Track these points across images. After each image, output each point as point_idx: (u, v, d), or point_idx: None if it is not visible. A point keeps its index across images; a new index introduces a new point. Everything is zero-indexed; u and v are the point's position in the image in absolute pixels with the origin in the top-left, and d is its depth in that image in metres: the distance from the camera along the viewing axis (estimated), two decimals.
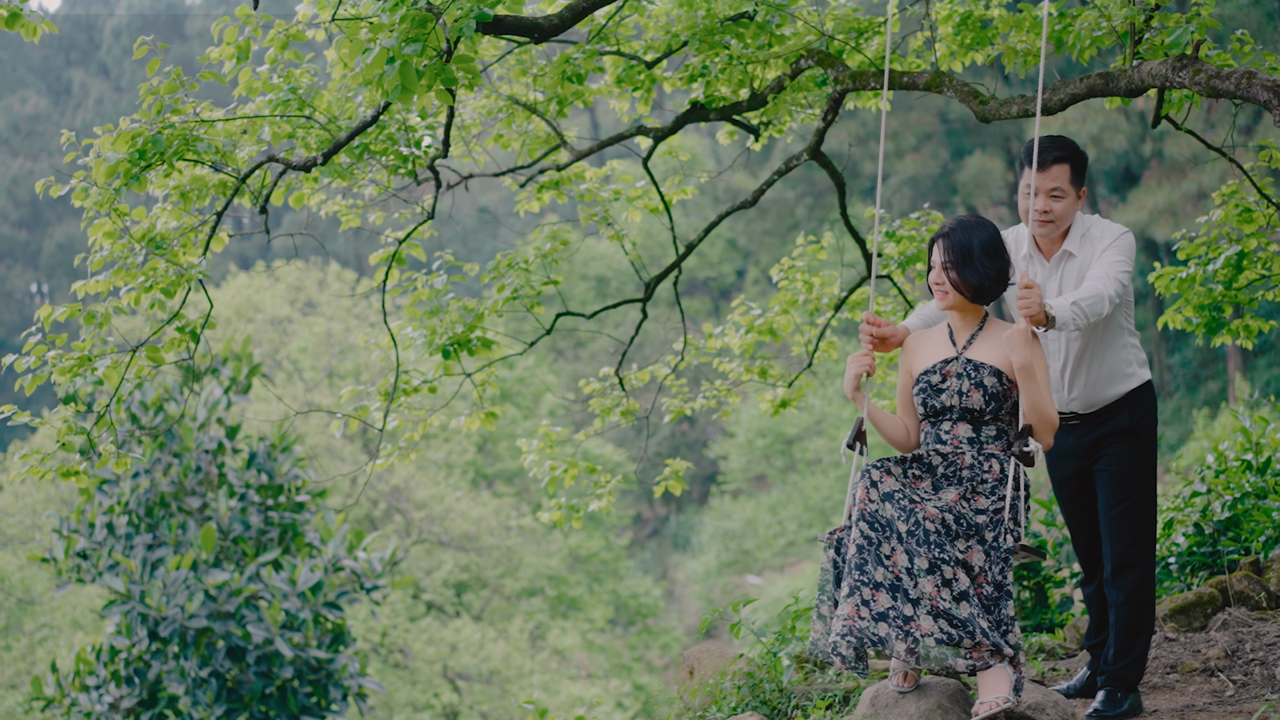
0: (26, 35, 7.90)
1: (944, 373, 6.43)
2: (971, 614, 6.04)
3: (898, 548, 6.09)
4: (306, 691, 16.35)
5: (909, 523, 6.10)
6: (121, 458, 8.19)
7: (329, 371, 34.58)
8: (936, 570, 6.05)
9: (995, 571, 6.17)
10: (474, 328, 9.80)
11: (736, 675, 7.79)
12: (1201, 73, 7.19)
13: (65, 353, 7.93)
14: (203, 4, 78.73)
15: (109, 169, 7.82)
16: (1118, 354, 7.00)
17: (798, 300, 11.52)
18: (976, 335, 6.50)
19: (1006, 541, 6.20)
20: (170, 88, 8.06)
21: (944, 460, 6.33)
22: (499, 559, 33.57)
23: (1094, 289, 6.57)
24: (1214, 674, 7.74)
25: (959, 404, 6.37)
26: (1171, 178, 34.45)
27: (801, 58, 9.24)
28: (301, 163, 8.71)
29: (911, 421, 6.65)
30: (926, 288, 6.80)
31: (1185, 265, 10.06)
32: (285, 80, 8.65)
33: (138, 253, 8.18)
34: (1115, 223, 7.00)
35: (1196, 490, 10.18)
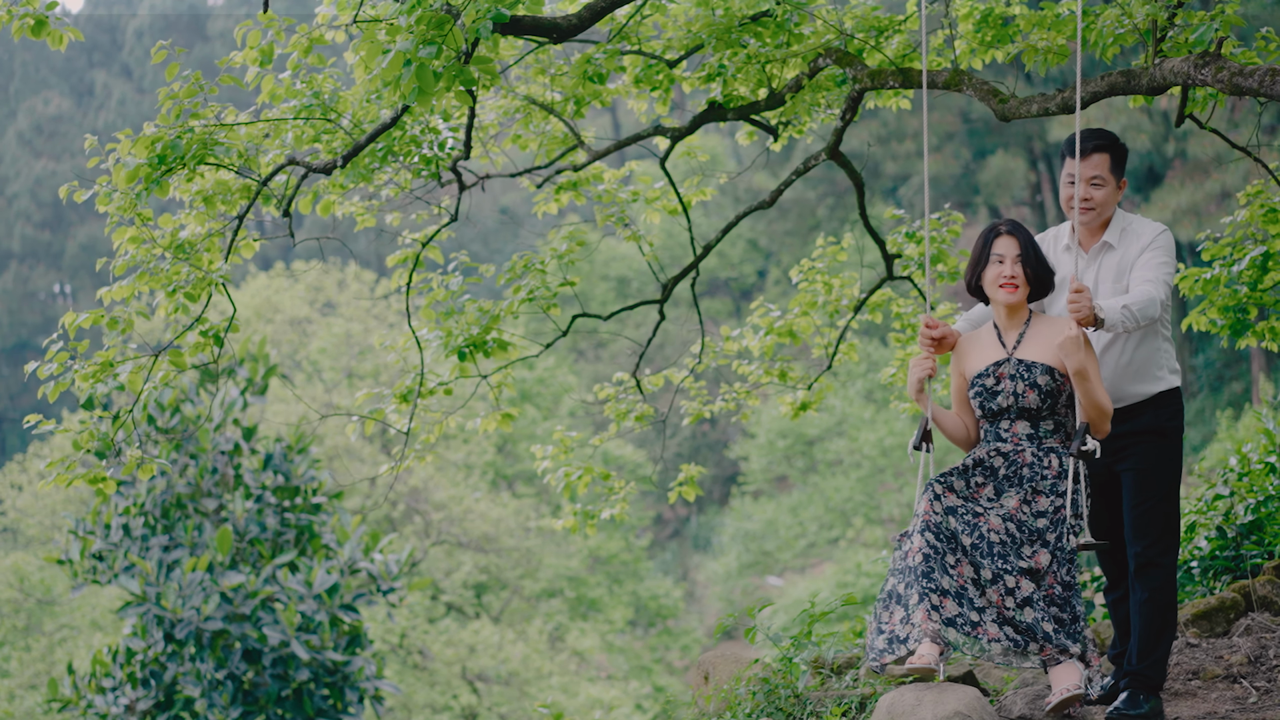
0: (53, 44, 7.88)
1: (997, 375, 6.63)
2: (1036, 619, 6.29)
3: (962, 559, 6.35)
4: (323, 694, 16.34)
5: (973, 536, 6.35)
6: (148, 463, 8.18)
7: (348, 372, 34.59)
8: (1000, 580, 6.29)
9: (1062, 572, 6.39)
10: (490, 329, 9.76)
11: (751, 681, 7.74)
12: (1224, 70, 7.13)
13: (88, 360, 7.92)
14: (225, 5, 78.87)
15: (129, 174, 7.83)
16: (1149, 351, 7.00)
17: (817, 301, 11.46)
18: (1024, 333, 6.68)
19: (1070, 542, 6.40)
20: (190, 92, 8.05)
21: (1005, 460, 6.55)
22: (518, 560, 33.57)
23: (1147, 293, 6.66)
24: (1237, 680, 7.68)
25: (1016, 404, 6.57)
26: (1195, 178, 34.31)
27: (819, 56, 9.18)
28: (322, 165, 8.69)
29: (969, 419, 6.85)
30: (970, 288, 6.88)
31: (1210, 266, 9.99)
32: (308, 85, 8.63)
33: (162, 258, 8.17)
34: (1153, 221, 7.04)
35: (1219, 493, 10.10)
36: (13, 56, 75.92)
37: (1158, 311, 6.66)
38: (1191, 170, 34.82)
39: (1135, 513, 6.96)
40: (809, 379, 11.81)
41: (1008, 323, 6.72)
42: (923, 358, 6.83)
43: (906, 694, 6.43)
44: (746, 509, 43.71)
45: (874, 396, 42.49)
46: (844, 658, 8.38)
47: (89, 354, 8.10)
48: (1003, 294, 6.64)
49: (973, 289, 6.85)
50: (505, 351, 9.87)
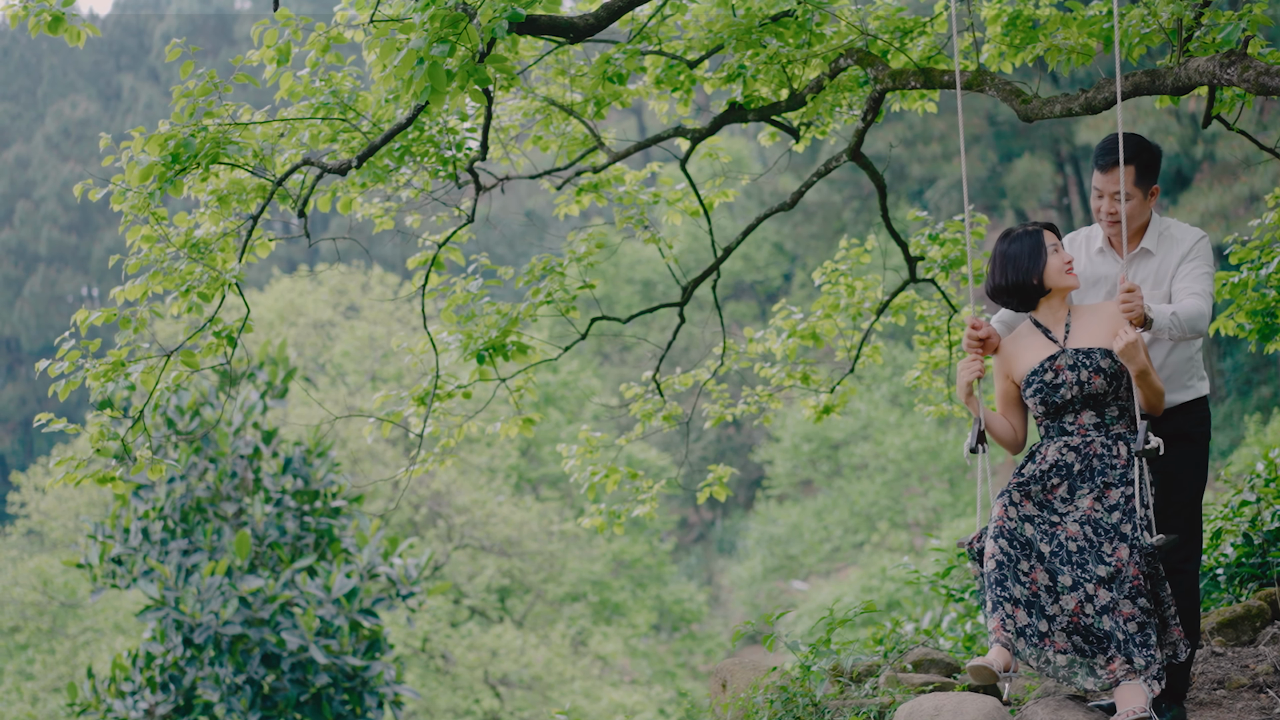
0: (70, 40, 7.85)
1: (1055, 368, 6.62)
2: (1113, 626, 6.27)
3: (1037, 566, 6.36)
4: (342, 699, 16.31)
5: (1052, 544, 6.38)
6: (156, 463, 8.14)
7: (371, 375, 34.63)
8: (1080, 587, 6.29)
9: (1144, 566, 6.35)
10: (509, 332, 9.70)
11: (769, 689, 7.68)
12: (1250, 69, 7.04)
13: (99, 359, 7.89)
14: (252, 7, 79.09)
15: (143, 171, 7.81)
16: (1183, 359, 6.99)
17: (840, 304, 11.40)
18: (1070, 324, 6.71)
19: (1145, 538, 6.36)
20: (204, 90, 8.03)
21: (1078, 455, 6.55)
22: (541, 564, 33.56)
23: (1197, 308, 6.66)
24: (1263, 690, 7.62)
25: (1081, 393, 6.56)
26: (1223, 180, 34.17)
27: (840, 57, 9.10)
28: (337, 166, 8.64)
29: (1016, 421, 6.88)
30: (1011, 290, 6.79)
31: (1238, 270, 9.90)
32: (326, 84, 8.60)
33: (175, 257, 8.14)
34: (1191, 226, 6.98)
35: (1245, 499, 10.00)
36: (40, 60, 76.30)
37: (1204, 327, 6.69)
38: (1220, 173, 34.68)
39: (1160, 517, 6.89)
40: (832, 382, 11.75)
41: (1052, 318, 6.75)
42: (970, 360, 6.84)
43: (925, 702, 6.42)
44: (771, 513, 43.67)
45: (899, 400, 42.41)
46: (863, 665, 8.29)
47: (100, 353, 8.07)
48: (1070, 279, 6.68)
49: (1031, 289, 6.72)
50: (525, 355, 9.81)
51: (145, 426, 8.12)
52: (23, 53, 77.77)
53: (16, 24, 7.94)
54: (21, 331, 67.66)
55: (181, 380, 8.32)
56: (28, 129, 73.72)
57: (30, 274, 68.50)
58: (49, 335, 65.65)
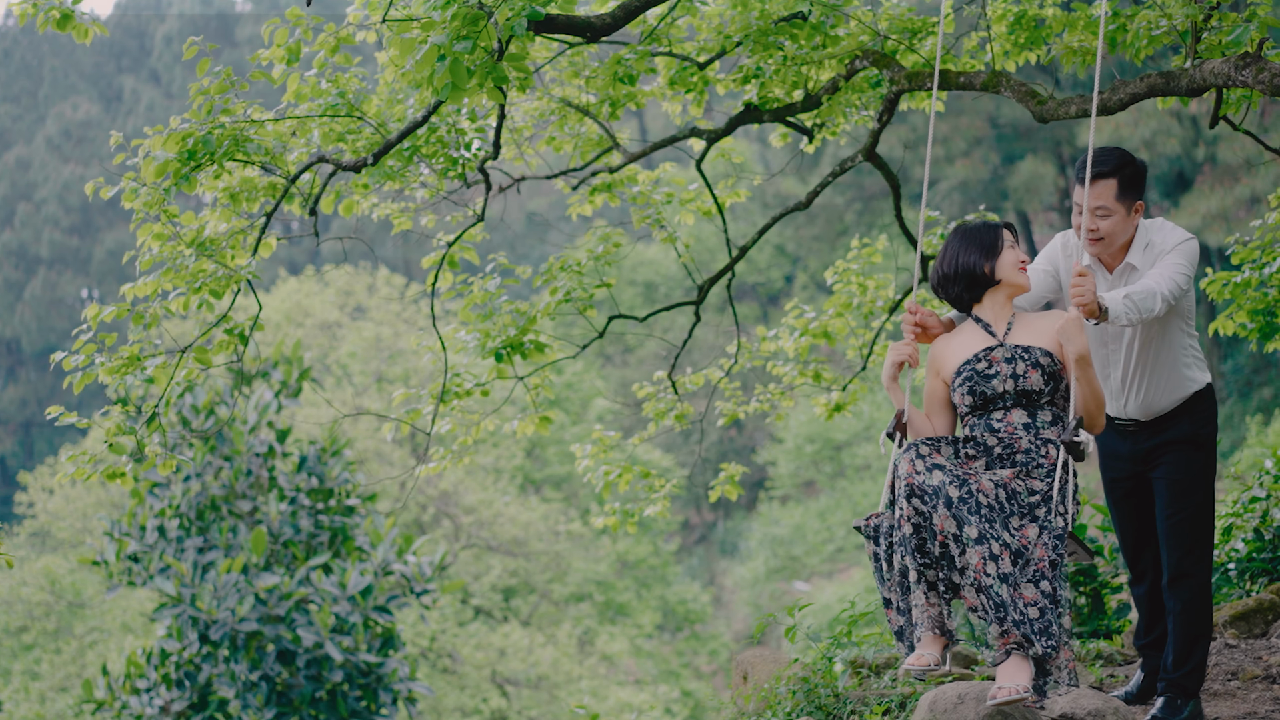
0: (78, 37, 7.94)
1: (990, 359, 6.26)
2: (1010, 598, 5.86)
3: (945, 513, 5.88)
4: (356, 695, 16.39)
5: (961, 490, 5.90)
6: (167, 460, 8.20)
7: (378, 376, 34.70)
8: (985, 543, 5.85)
9: (1050, 550, 5.96)
10: (526, 330, 9.77)
11: (791, 680, 7.76)
12: (1265, 71, 7.10)
13: (114, 353, 7.95)
14: (253, 9, 79.16)
15: (158, 168, 7.84)
16: (1178, 360, 6.86)
17: (851, 303, 11.46)
18: (1013, 324, 6.35)
19: (1057, 522, 5.99)
20: (220, 88, 8.08)
21: (1000, 442, 6.18)
22: (547, 564, 33.61)
23: (1147, 285, 6.45)
24: (1276, 681, 7.71)
25: (1014, 388, 6.19)
26: (1224, 182, 34.22)
27: (856, 58, 9.19)
28: (351, 164, 8.70)
29: (940, 422, 6.48)
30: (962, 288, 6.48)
31: (1239, 270, 9.96)
32: (334, 84, 8.66)
33: (186, 255, 8.20)
34: (1179, 228, 6.84)
35: (1256, 495, 10.09)
36: (42, 62, 76.32)
37: (1158, 305, 6.43)
38: (1221, 175, 34.72)
39: (1169, 523, 6.90)
40: (843, 380, 11.82)
41: (996, 315, 6.39)
42: (903, 343, 6.45)
43: (948, 692, 6.43)
44: (774, 514, 43.73)
45: None
46: (883, 658, 8.40)
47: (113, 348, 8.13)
48: (1023, 276, 6.36)
49: (979, 278, 6.42)
50: (541, 353, 9.88)
51: (160, 423, 8.18)
52: (24, 54, 77.79)
53: (25, 21, 7.99)
54: (22, 334, 67.61)
55: (195, 378, 8.38)
56: (29, 131, 73.70)
57: (31, 276, 68.47)
58: (50, 338, 65.66)
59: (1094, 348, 6.89)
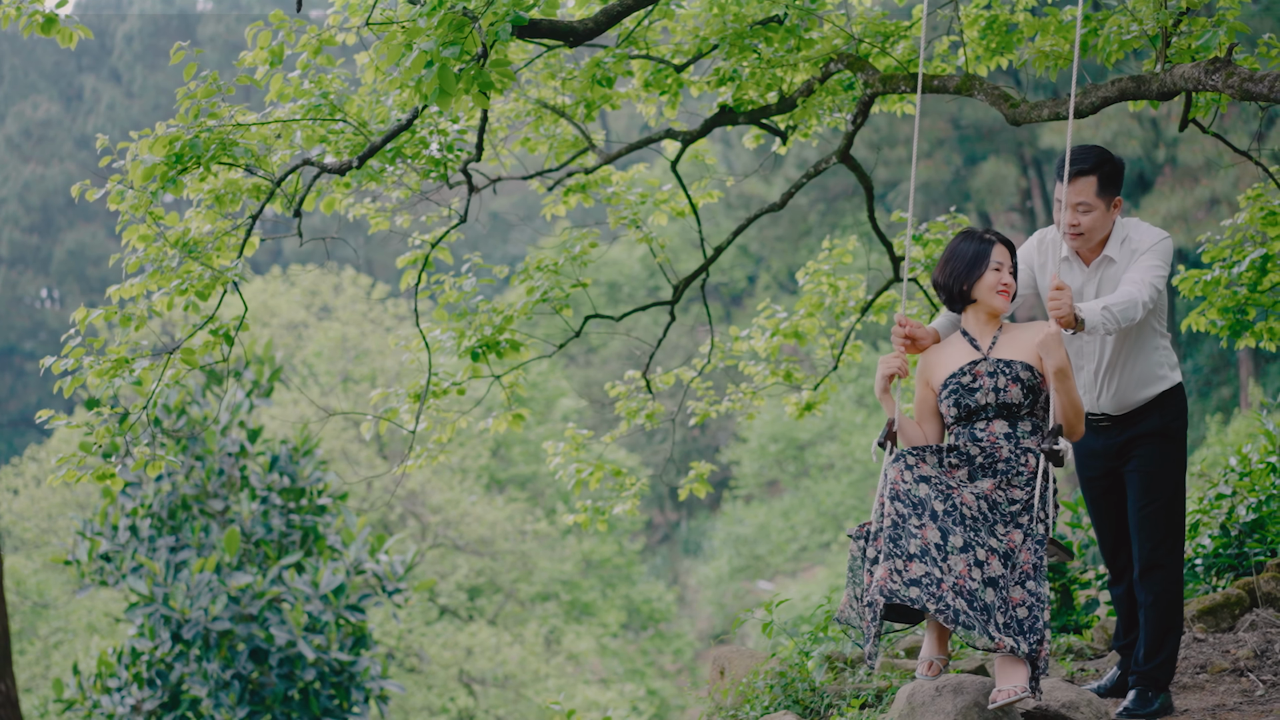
0: (63, 41, 7.98)
1: (974, 373, 6.51)
2: (995, 603, 6.11)
3: (929, 523, 6.15)
4: (329, 694, 16.40)
5: (946, 504, 6.19)
6: (157, 460, 8.26)
7: (344, 376, 34.65)
8: (970, 550, 6.14)
9: (1033, 554, 6.24)
10: (503, 330, 9.85)
11: (768, 675, 7.84)
12: (1234, 76, 7.23)
13: (102, 356, 8.00)
14: (214, 9, 78.82)
15: (146, 171, 7.89)
16: (1150, 357, 7.03)
17: (823, 303, 11.56)
18: (998, 337, 6.59)
19: (1038, 529, 6.27)
20: (207, 92, 8.13)
21: (982, 452, 6.39)
22: (513, 564, 33.62)
23: (1128, 295, 6.61)
24: (1243, 674, 7.79)
25: (996, 400, 6.44)
26: (1185, 184, 34.47)
27: (831, 61, 9.29)
28: (336, 166, 8.76)
29: (931, 429, 6.73)
30: (952, 293, 6.72)
31: (1210, 268, 10.11)
32: (317, 85, 8.71)
33: (172, 256, 8.25)
34: (1155, 227, 7.01)
35: (1221, 492, 10.22)
36: (1, 61, 75.84)
37: (1138, 314, 6.61)
38: (1182, 176, 34.98)
39: (1140, 515, 7.04)
40: (814, 379, 11.92)
41: (981, 328, 6.63)
42: (893, 355, 6.69)
43: (926, 685, 6.52)
44: (738, 513, 43.80)
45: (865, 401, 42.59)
46: (858, 653, 8.49)
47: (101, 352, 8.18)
48: (1000, 300, 6.57)
49: (956, 294, 6.70)
50: (517, 352, 9.95)
51: (146, 423, 8.24)
52: None
53: (8, 24, 8.03)
54: None
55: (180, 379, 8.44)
56: None
57: None
58: (9, 336, 65.25)
59: (1067, 341, 7.04)
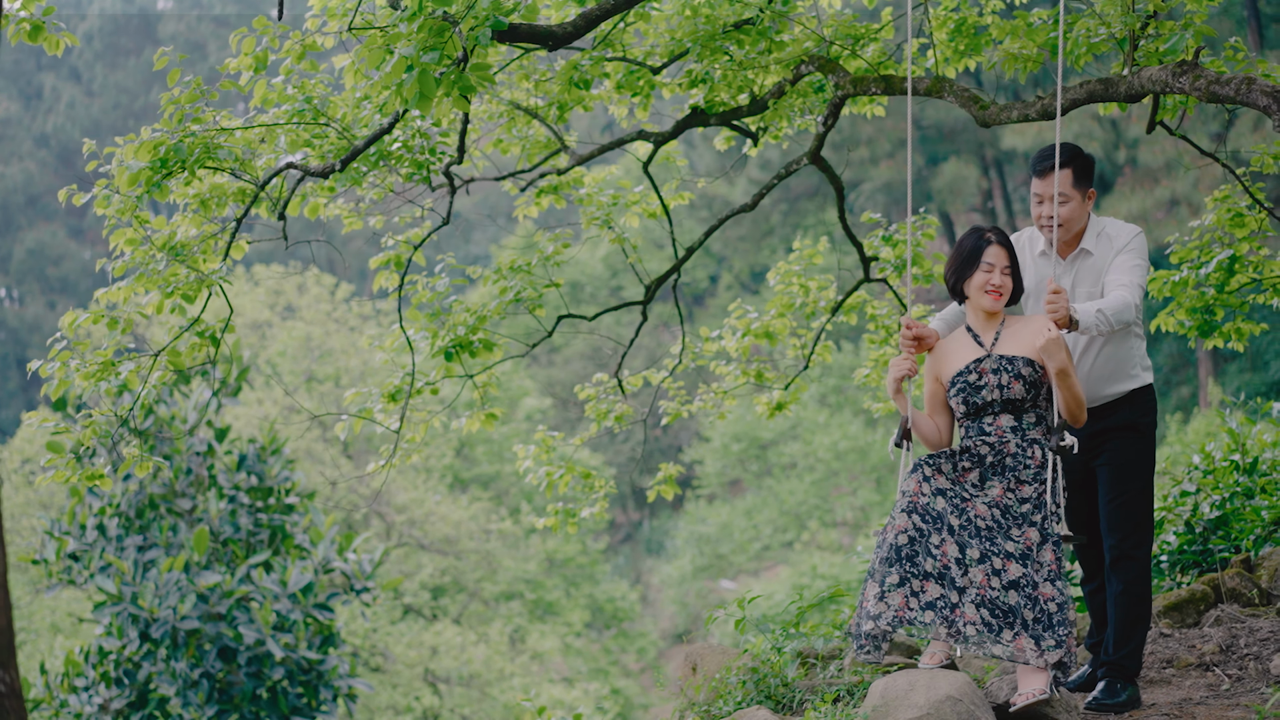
0: (50, 49, 8.01)
1: (979, 370, 6.80)
2: (1018, 604, 6.43)
3: (948, 539, 6.48)
4: (297, 692, 16.38)
5: (962, 518, 6.52)
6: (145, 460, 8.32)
7: (308, 376, 34.55)
8: (987, 560, 6.44)
9: (1054, 553, 6.55)
10: (476, 330, 9.91)
11: (741, 670, 7.90)
12: (1201, 79, 7.36)
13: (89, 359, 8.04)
14: (175, 8, 78.45)
15: (131, 176, 7.94)
16: (1124, 351, 7.21)
17: (794, 304, 11.64)
18: (1000, 333, 6.88)
19: (1053, 528, 6.56)
20: (191, 97, 8.17)
21: (991, 450, 6.70)
22: (477, 563, 33.60)
23: (1121, 299, 6.88)
24: (1209, 669, 7.89)
25: (1000, 397, 6.74)
26: (1145, 184, 34.70)
27: (802, 63, 9.37)
28: (320, 169, 8.81)
29: (942, 421, 7.04)
30: (951, 288, 7.08)
31: (1178, 269, 10.22)
32: (300, 90, 8.77)
33: (159, 259, 8.29)
34: (1127, 223, 7.25)
35: (1185, 490, 10.34)
36: None
37: (1131, 316, 6.89)
38: (1141, 177, 35.21)
39: (1110, 507, 7.18)
40: (785, 379, 11.99)
41: (984, 324, 6.92)
42: (902, 358, 6.98)
43: (899, 679, 6.59)
44: (700, 513, 43.81)
45: (827, 400, 42.70)
46: (828, 649, 8.57)
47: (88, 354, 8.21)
48: (988, 300, 6.85)
49: (951, 288, 7.01)
50: (490, 352, 10.02)
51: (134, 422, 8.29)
52: None
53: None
54: None
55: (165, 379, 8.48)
56: None
57: None
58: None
59: None
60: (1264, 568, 9.19)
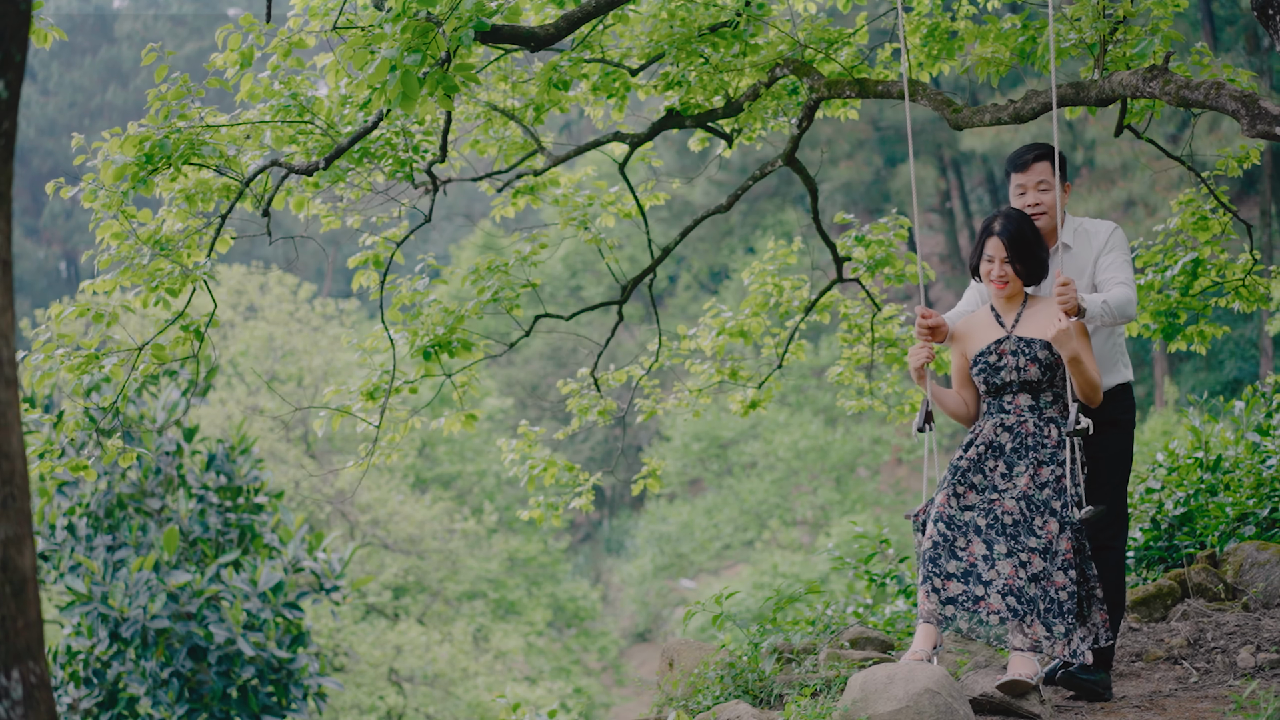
0: (38, 42, 8.06)
1: (999, 352, 7.10)
2: (1037, 595, 6.73)
3: (974, 539, 6.81)
4: (267, 691, 16.39)
5: (988, 518, 6.83)
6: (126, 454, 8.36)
7: (270, 375, 34.46)
8: (1014, 555, 6.74)
9: (1072, 539, 6.84)
10: (454, 329, 9.97)
11: (719, 666, 7.98)
12: (1171, 83, 7.51)
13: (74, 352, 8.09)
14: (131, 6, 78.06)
15: (117, 171, 7.99)
16: (1108, 347, 7.44)
17: (768, 303, 11.75)
18: (1022, 313, 7.17)
19: (1073, 514, 6.84)
20: (177, 93, 8.23)
21: (1011, 434, 7.02)
22: (440, 562, 33.59)
23: (1125, 295, 7.14)
24: (1178, 662, 8.03)
25: (1018, 378, 7.05)
26: (1101, 185, 34.98)
27: (778, 66, 9.47)
28: (304, 167, 8.86)
29: (969, 395, 7.34)
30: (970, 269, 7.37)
31: (1143, 273, 10.38)
32: (286, 86, 8.83)
33: (144, 253, 8.35)
34: (1103, 220, 7.49)
35: (1151, 487, 10.50)
36: None
37: (1133, 312, 7.16)
38: (1098, 179, 35.49)
39: (1091, 500, 7.35)
40: (759, 377, 12.10)
41: (1006, 305, 7.21)
42: (919, 347, 7.31)
43: (878, 672, 6.68)
44: (661, 511, 43.87)
45: (788, 400, 42.84)
46: (801, 644, 8.66)
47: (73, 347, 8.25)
48: (993, 289, 7.17)
49: (973, 270, 7.33)
50: (469, 351, 10.08)
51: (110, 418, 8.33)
52: None
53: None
54: None
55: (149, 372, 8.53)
56: None
57: None
58: None
59: None
60: (1229, 563, 9.34)
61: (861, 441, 40.62)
